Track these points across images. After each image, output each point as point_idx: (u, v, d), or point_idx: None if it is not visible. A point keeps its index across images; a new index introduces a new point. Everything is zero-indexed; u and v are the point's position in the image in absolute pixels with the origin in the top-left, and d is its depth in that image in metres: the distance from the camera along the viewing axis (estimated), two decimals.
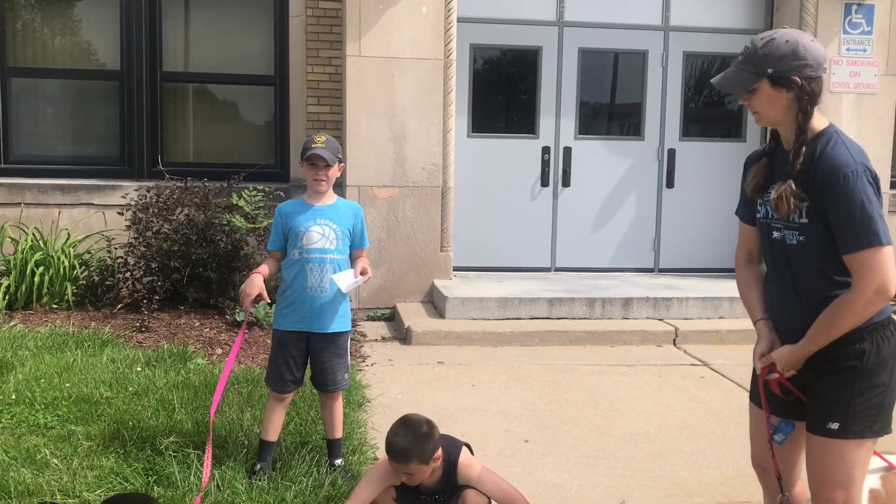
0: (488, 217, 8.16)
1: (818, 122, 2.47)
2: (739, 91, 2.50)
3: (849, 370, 2.45)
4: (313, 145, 3.75)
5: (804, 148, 2.43)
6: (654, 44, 8.30)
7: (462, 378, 5.66)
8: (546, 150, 8.22)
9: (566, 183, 8.27)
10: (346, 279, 3.76)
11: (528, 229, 8.27)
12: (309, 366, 3.90)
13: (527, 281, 7.76)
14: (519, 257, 8.27)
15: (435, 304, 7.30)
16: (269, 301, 3.80)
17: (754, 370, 2.80)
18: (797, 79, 2.42)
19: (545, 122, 8.20)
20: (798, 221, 2.48)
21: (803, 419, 2.61)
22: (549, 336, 6.60)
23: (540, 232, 8.31)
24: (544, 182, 8.25)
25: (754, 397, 2.83)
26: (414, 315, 6.94)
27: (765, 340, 2.65)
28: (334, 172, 3.82)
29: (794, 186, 2.44)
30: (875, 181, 2.39)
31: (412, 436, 2.92)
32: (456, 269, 7.83)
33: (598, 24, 8.19)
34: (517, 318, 6.89)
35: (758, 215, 2.66)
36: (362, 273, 3.79)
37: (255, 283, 3.72)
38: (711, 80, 2.58)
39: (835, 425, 2.45)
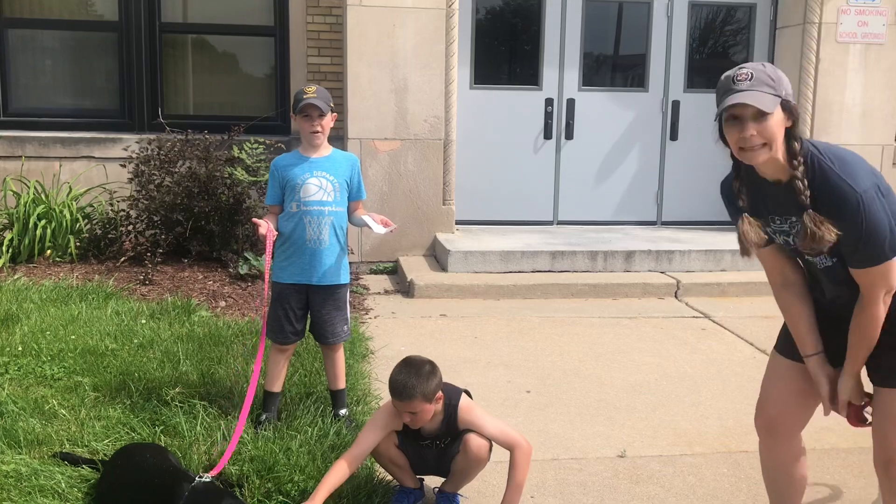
0: (491, 170, 8.12)
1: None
2: (752, 116, 2.28)
3: None
4: (305, 96, 3.70)
5: (805, 179, 2.31)
6: None
7: (464, 330, 5.69)
8: (549, 101, 8.14)
9: (569, 135, 8.22)
10: (375, 225, 3.77)
11: (531, 182, 8.24)
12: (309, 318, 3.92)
13: (529, 234, 7.76)
14: (521, 210, 8.26)
15: (437, 257, 7.31)
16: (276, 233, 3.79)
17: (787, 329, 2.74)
18: (795, 105, 2.34)
19: (548, 73, 8.12)
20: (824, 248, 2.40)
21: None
22: (551, 289, 6.62)
23: (542, 185, 8.28)
24: (547, 134, 8.19)
25: (781, 348, 2.76)
26: (416, 268, 6.96)
27: (824, 380, 2.57)
28: (328, 122, 3.78)
29: (816, 214, 2.31)
30: (879, 188, 2.30)
31: (415, 374, 2.96)
32: (458, 222, 7.83)
33: None
34: (519, 272, 6.91)
35: (777, 241, 2.54)
36: (385, 224, 3.80)
37: (262, 225, 3.71)
38: (738, 100, 2.26)
39: None
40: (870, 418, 2.58)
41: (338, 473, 2.97)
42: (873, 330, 2.42)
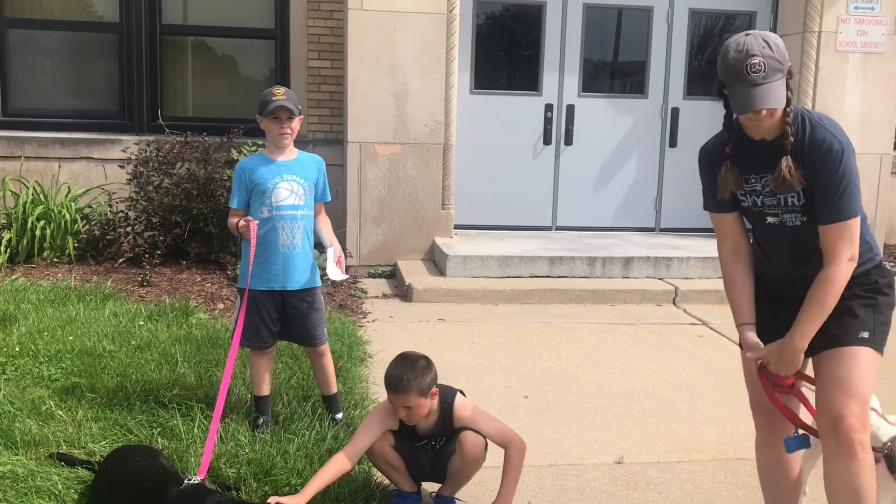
0: (490, 175, 8.13)
1: None
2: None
3: (868, 292, 2.62)
4: (274, 98, 3.65)
5: (794, 125, 2.52)
6: (660, 0, 8.19)
7: (463, 335, 5.69)
8: (549, 107, 8.16)
9: (569, 141, 8.23)
10: (334, 270, 3.75)
11: (530, 188, 8.24)
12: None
13: (528, 239, 7.76)
14: (520, 216, 8.26)
15: (436, 261, 7.31)
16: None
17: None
18: (790, 65, 2.51)
19: (548, 79, 8.13)
20: (798, 204, 2.56)
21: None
22: (549, 294, 6.63)
23: (542, 190, 8.28)
24: (547, 140, 8.20)
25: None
26: (415, 272, 6.96)
27: (751, 347, 2.71)
28: (297, 125, 3.75)
29: (791, 161, 2.50)
30: (853, 152, 2.51)
31: (411, 368, 2.99)
32: (457, 227, 7.83)
33: None
34: (518, 277, 6.91)
35: (744, 204, 2.70)
36: (338, 263, 3.78)
37: (244, 223, 3.65)
38: (755, 108, 2.43)
39: (866, 334, 2.58)
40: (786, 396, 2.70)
41: (335, 468, 2.97)
42: (831, 295, 2.51)
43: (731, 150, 2.66)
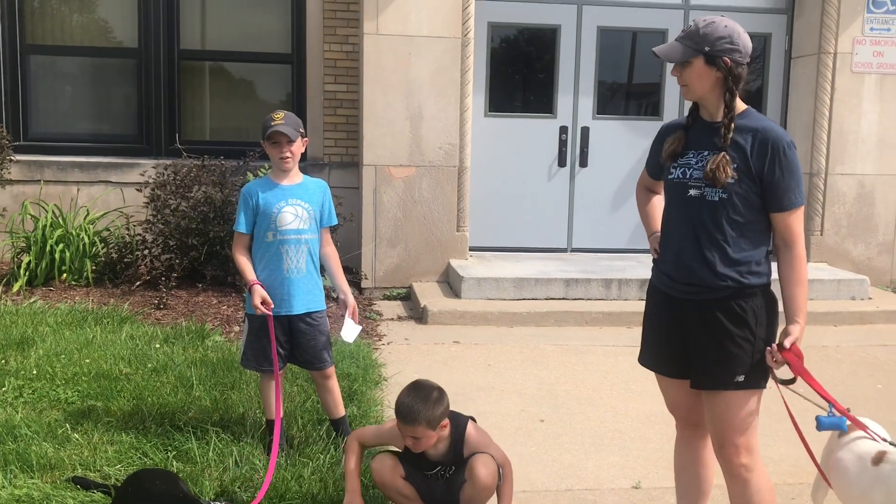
0: (505, 197, 8.13)
1: (739, 103, 2.74)
2: (675, 63, 2.74)
3: (744, 328, 2.70)
4: (273, 123, 3.67)
5: (733, 123, 2.69)
6: (675, 22, 8.20)
7: (478, 358, 5.67)
8: (563, 129, 8.17)
9: (583, 163, 8.23)
10: (351, 331, 3.78)
11: (545, 210, 8.24)
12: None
13: (543, 261, 7.75)
14: (535, 238, 8.25)
15: (451, 283, 7.31)
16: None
17: (647, 341, 3.12)
18: (727, 60, 2.67)
19: (563, 101, 8.15)
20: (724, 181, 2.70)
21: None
22: (565, 317, 6.60)
23: (557, 212, 8.28)
24: (561, 162, 8.21)
25: (645, 362, 3.16)
26: (430, 294, 6.95)
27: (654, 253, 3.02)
28: (298, 148, 3.75)
29: (727, 157, 2.66)
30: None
31: (423, 399, 2.96)
32: (472, 248, 7.83)
33: (618, 2, 8.10)
34: (533, 299, 6.89)
35: (670, 177, 2.83)
36: (352, 316, 3.81)
37: (263, 291, 3.64)
38: (654, 49, 2.79)
39: (741, 378, 2.72)
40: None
41: (355, 455, 3.17)
42: (804, 273, 2.68)
43: (689, 123, 2.86)
